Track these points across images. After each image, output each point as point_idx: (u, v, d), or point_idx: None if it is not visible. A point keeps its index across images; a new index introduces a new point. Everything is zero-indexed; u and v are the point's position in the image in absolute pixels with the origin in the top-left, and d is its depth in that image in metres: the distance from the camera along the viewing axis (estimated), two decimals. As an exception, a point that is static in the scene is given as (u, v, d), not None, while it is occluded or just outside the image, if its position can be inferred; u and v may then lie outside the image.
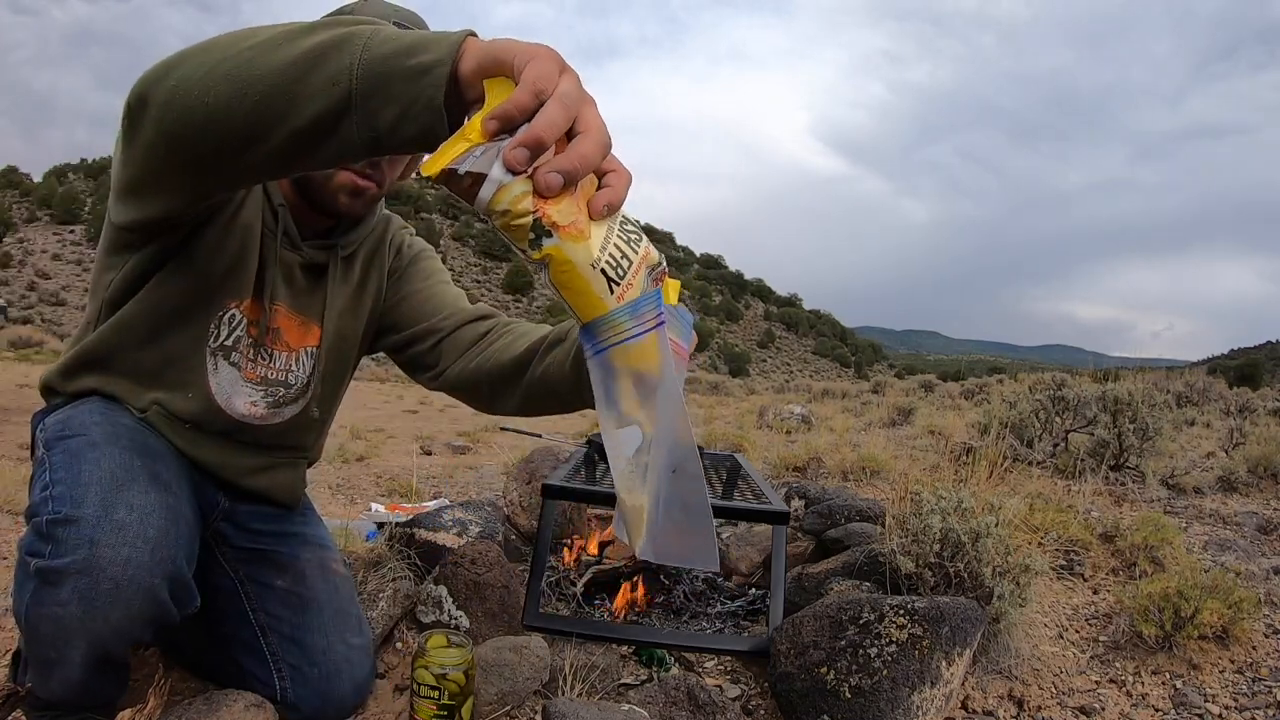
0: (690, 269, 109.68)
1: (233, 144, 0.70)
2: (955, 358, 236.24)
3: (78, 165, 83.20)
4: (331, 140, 0.66)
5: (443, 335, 1.26)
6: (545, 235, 0.57)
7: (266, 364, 1.17)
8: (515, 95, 0.56)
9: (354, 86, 0.63)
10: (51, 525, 0.90)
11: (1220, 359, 69.24)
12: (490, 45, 0.61)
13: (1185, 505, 3.06)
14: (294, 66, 0.65)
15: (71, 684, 0.96)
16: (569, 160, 0.57)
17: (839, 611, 1.38)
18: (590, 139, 0.58)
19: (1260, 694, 1.44)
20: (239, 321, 1.12)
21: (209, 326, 1.10)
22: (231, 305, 1.11)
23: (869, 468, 3.61)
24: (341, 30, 0.65)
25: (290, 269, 1.16)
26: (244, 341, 1.14)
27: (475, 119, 0.58)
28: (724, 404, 13.67)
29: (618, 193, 0.61)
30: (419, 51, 0.62)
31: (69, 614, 0.89)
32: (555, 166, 0.56)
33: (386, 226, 1.31)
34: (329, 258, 1.19)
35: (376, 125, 0.64)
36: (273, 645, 1.20)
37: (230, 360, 1.13)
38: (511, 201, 0.56)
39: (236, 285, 1.10)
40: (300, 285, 1.18)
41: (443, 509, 2.03)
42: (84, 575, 0.88)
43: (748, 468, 2.12)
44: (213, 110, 0.68)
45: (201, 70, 0.69)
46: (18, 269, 53.82)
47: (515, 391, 1.16)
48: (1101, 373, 4.75)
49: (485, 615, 1.56)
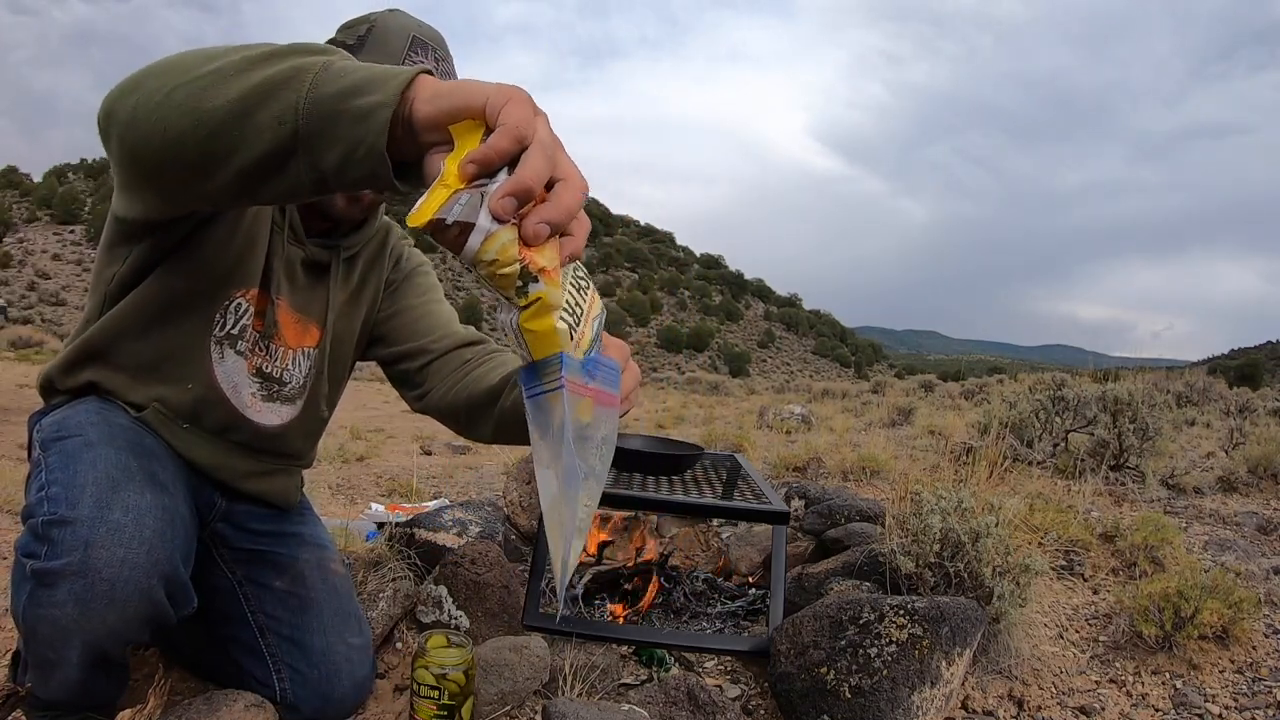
0: (690, 269, 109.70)
1: (188, 174, 0.70)
2: (955, 358, 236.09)
3: (78, 165, 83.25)
4: (280, 179, 0.66)
5: (433, 358, 1.27)
6: (532, 281, 0.58)
7: (264, 357, 1.16)
8: (496, 140, 0.56)
9: (300, 126, 0.62)
10: (47, 526, 0.90)
11: (1220, 359, 69.23)
12: (453, 89, 0.60)
13: (1185, 505, 3.06)
14: (243, 101, 0.64)
15: (70, 684, 0.96)
16: (555, 211, 0.57)
17: (839, 611, 1.38)
18: (571, 188, 0.59)
19: (1260, 694, 1.44)
20: (245, 310, 1.11)
21: (214, 315, 1.09)
22: (238, 294, 1.10)
23: (869, 468, 3.61)
24: (293, 62, 0.64)
25: (292, 265, 1.15)
26: (250, 331, 1.13)
27: (450, 164, 0.58)
28: (724, 404, 13.67)
29: (578, 243, 0.62)
30: (365, 92, 0.61)
31: (65, 615, 0.88)
32: (543, 217, 0.56)
33: (387, 235, 1.31)
34: (331, 257, 1.19)
35: (322, 167, 0.63)
36: (272, 646, 1.20)
37: (236, 349, 1.12)
38: (499, 250, 0.56)
39: (244, 273, 1.09)
40: (301, 282, 1.17)
41: (443, 509, 2.03)
42: (79, 577, 0.88)
43: (748, 468, 2.12)
44: (169, 140, 0.68)
45: (160, 94, 0.68)
46: (18, 269, 53.83)
47: (488, 420, 1.17)
48: (1101, 373, 4.75)
49: (485, 615, 1.56)
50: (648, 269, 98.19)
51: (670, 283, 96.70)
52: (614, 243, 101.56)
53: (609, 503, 1.77)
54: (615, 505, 1.86)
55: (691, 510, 1.83)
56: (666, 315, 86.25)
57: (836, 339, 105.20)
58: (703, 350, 77.49)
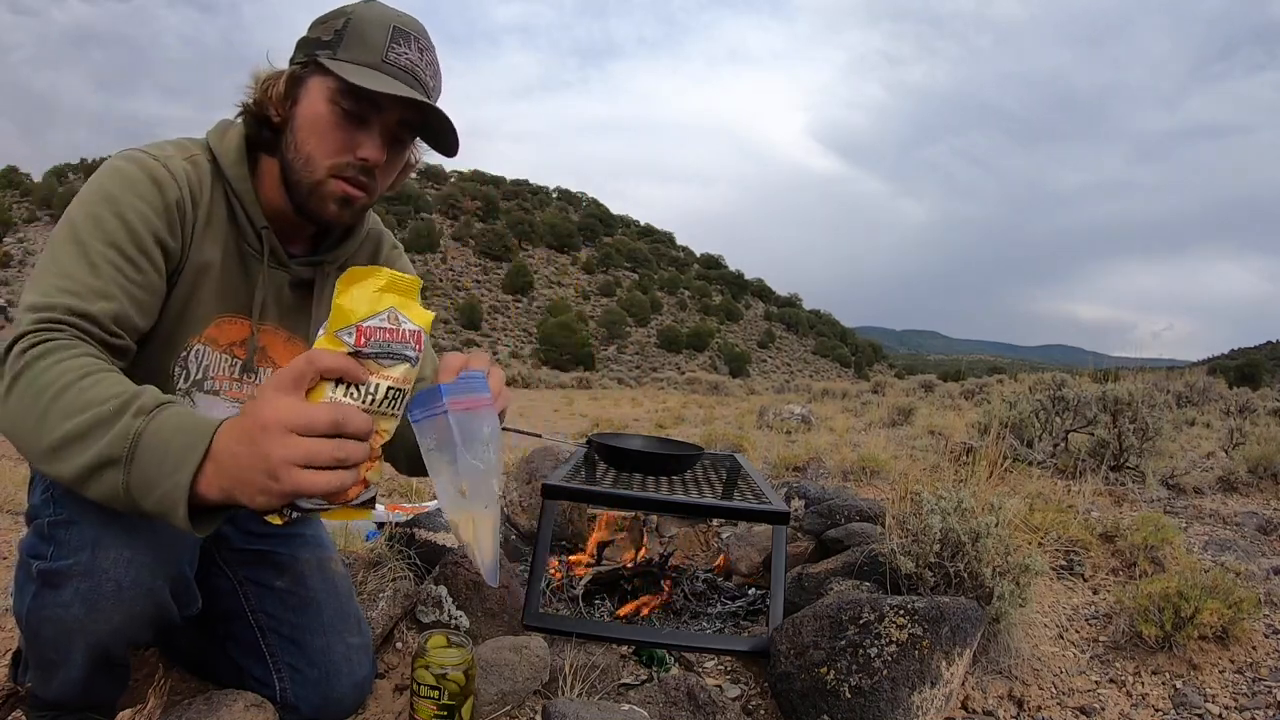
0: (690, 269, 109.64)
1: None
2: (955, 358, 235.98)
3: (78, 165, 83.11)
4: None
5: None
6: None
7: (253, 382, 1.14)
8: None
9: (125, 498, 0.76)
10: (53, 527, 0.90)
11: (1220, 359, 69.24)
12: (226, 480, 0.73)
13: (1185, 505, 3.06)
14: (76, 480, 0.78)
15: (73, 685, 0.96)
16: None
17: (839, 611, 1.38)
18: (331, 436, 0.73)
19: (1260, 694, 1.44)
20: (204, 353, 1.08)
21: (171, 373, 1.06)
22: (193, 341, 1.07)
23: (869, 468, 3.61)
24: (112, 442, 0.76)
25: (280, 288, 1.13)
26: (220, 366, 1.10)
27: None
28: (724, 404, 13.67)
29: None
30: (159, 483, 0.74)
31: (71, 616, 0.88)
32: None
33: (378, 245, 1.26)
34: (316, 273, 1.16)
35: (143, 509, 0.77)
36: (272, 646, 1.20)
37: (205, 390, 1.10)
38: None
39: (189, 323, 1.06)
40: (288, 303, 1.15)
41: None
42: (86, 577, 0.88)
43: (748, 468, 2.12)
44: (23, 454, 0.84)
45: (11, 415, 0.82)
46: (18, 269, 53.82)
47: (406, 455, 1.13)
48: (1101, 373, 4.75)
49: (485, 615, 1.56)
50: (648, 269, 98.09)
51: (670, 283, 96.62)
52: (614, 243, 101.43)
53: (609, 503, 1.77)
54: (615, 505, 1.86)
55: (691, 510, 1.83)
56: (666, 315, 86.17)
57: (836, 339, 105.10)
58: (703, 350, 77.41)
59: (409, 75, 1.00)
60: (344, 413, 0.72)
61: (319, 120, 0.99)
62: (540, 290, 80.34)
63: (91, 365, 0.83)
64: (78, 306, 0.88)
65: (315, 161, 1.01)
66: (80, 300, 0.89)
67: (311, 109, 1.00)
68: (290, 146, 1.02)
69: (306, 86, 1.01)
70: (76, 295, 0.89)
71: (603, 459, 1.94)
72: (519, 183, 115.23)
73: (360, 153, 1.01)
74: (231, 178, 1.05)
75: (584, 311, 76.69)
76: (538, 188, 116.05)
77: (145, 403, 0.78)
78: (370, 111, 1.00)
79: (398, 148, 1.06)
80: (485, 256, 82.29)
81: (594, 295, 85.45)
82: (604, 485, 1.75)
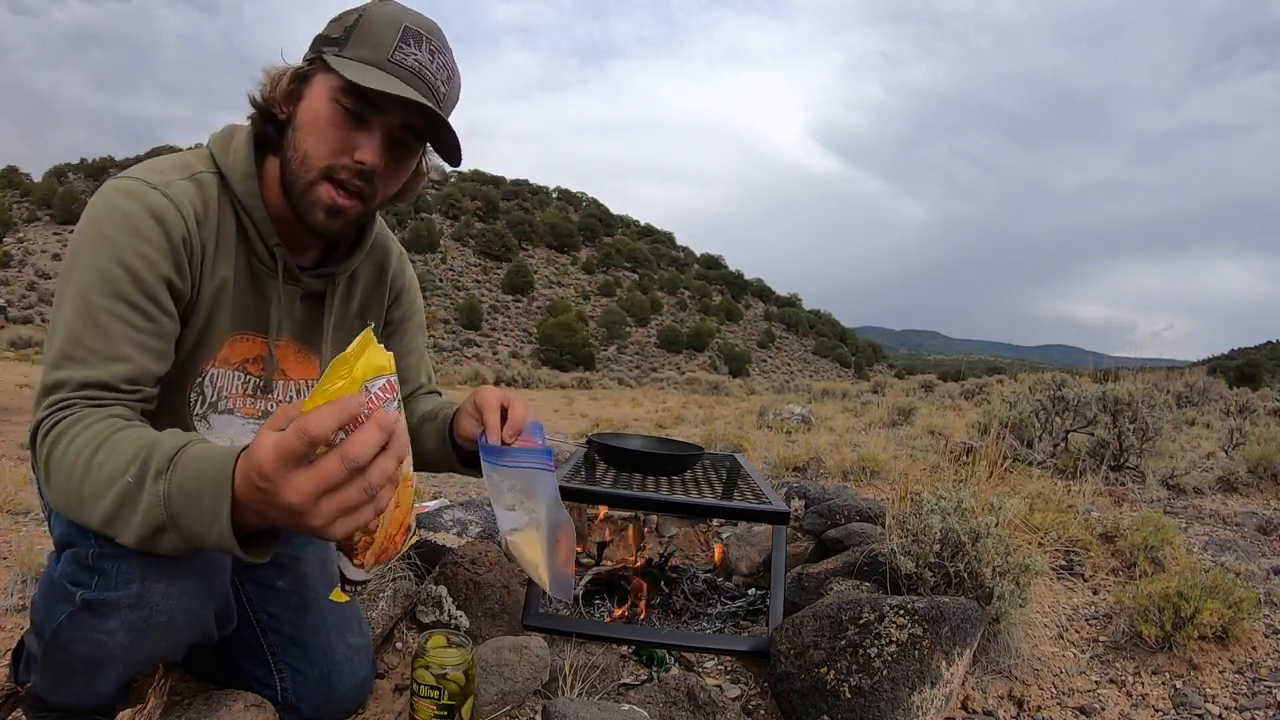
0: (690, 269, 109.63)
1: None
2: (955, 358, 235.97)
3: (78, 165, 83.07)
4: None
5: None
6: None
7: (267, 398, 1.13)
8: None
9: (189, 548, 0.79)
10: (99, 559, 0.88)
11: (1220, 359, 69.21)
12: (258, 518, 0.73)
13: (1185, 505, 3.06)
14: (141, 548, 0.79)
15: (93, 697, 0.96)
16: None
17: (839, 611, 1.38)
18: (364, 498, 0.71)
19: (1260, 694, 1.44)
20: (218, 375, 1.07)
21: (187, 397, 1.06)
22: (207, 367, 1.06)
23: (869, 468, 3.62)
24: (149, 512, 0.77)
25: (292, 303, 1.12)
26: (234, 385, 1.09)
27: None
28: (724, 404, 13.67)
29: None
30: (208, 535, 0.75)
31: (115, 642, 0.88)
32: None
33: (386, 257, 1.24)
34: (327, 285, 1.15)
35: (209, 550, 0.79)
36: (273, 645, 1.20)
37: (219, 410, 1.09)
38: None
39: (209, 345, 1.05)
40: (299, 317, 1.14)
41: (443, 509, 2.03)
42: (136, 609, 0.87)
43: (748, 468, 2.12)
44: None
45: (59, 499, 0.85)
46: (18, 269, 53.75)
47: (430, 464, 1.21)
48: (1101, 373, 4.76)
49: (485, 615, 1.56)
50: (648, 269, 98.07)
51: (670, 283, 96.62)
52: (614, 243, 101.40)
53: (609, 503, 1.77)
54: (615, 505, 1.86)
55: (691, 510, 1.83)
56: (666, 315, 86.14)
57: (836, 339, 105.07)
58: (703, 350, 77.40)
59: (415, 77, 0.96)
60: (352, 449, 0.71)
61: (318, 118, 0.97)
62: (540, 290, 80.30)
63: (102, 433, 0.82)
64: (90, 377, 0.88)
65: (311, 160, 0.98)
66: (90, 369, 0.88)
67: (312, 106, 0.97)
68: (291, 145, 1.00)
69: (311, 84, 0.99)
70: (86, 364, 0.88)
71: (603, 459, 1.94)
72: (519, 183, 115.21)
73: (357, 155, 0.97)
74: (240, 193, 1.02)
75: (584, 311, 76.65)
76: (538, 188, 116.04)
77: (159, 463, 0.77)
78: (371, 112, 0.96)
79: (400, 152, 1.02)
80: (485, 256, 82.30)
81: (594, 295, 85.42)
82: (604, 485, 1.75)
